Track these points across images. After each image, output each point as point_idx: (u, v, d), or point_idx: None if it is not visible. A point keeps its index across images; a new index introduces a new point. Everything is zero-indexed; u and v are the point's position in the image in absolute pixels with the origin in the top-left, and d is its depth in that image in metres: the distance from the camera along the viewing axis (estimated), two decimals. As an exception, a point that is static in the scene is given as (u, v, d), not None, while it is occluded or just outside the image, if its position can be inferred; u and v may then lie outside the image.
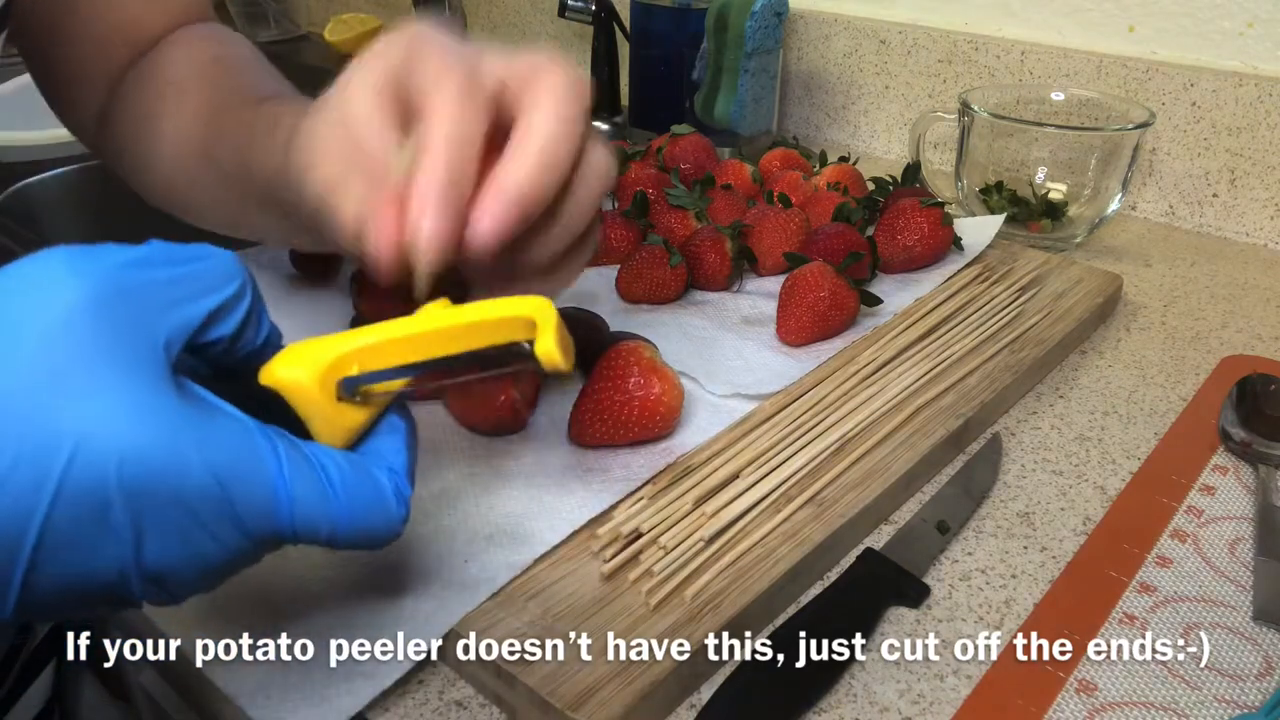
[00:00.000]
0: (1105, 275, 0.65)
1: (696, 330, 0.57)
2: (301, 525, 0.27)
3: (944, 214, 0.64)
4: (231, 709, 0.35)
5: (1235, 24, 0.76)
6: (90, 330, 0.23)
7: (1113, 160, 0.71)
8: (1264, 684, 0.37)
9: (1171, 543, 0.44)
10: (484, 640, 0.36)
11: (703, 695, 0.36)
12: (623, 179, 0.70)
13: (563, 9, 1.02)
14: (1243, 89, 0.75)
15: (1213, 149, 0.78)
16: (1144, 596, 0.41)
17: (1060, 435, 0.52)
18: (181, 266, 0.25)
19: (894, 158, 0.96)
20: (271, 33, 1.41)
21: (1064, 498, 0.48)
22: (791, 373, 0.53)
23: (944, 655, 0.39)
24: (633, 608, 0.37)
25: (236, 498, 0.25)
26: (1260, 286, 0.70)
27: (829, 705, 0.36)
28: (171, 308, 0.25)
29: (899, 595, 0.41)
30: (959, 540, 0.45)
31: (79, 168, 0.88)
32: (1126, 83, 0.80)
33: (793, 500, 0.43)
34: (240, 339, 0.28)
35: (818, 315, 0.55)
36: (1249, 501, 0.47)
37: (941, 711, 0.36)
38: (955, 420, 0.49)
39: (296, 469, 0.26)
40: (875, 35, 0.93)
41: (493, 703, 0.36)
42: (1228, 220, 0.79)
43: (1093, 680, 0.37)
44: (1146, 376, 0.58)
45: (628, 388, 0.45)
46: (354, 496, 0.28)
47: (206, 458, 0.24)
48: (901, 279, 0.64)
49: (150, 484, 0.23)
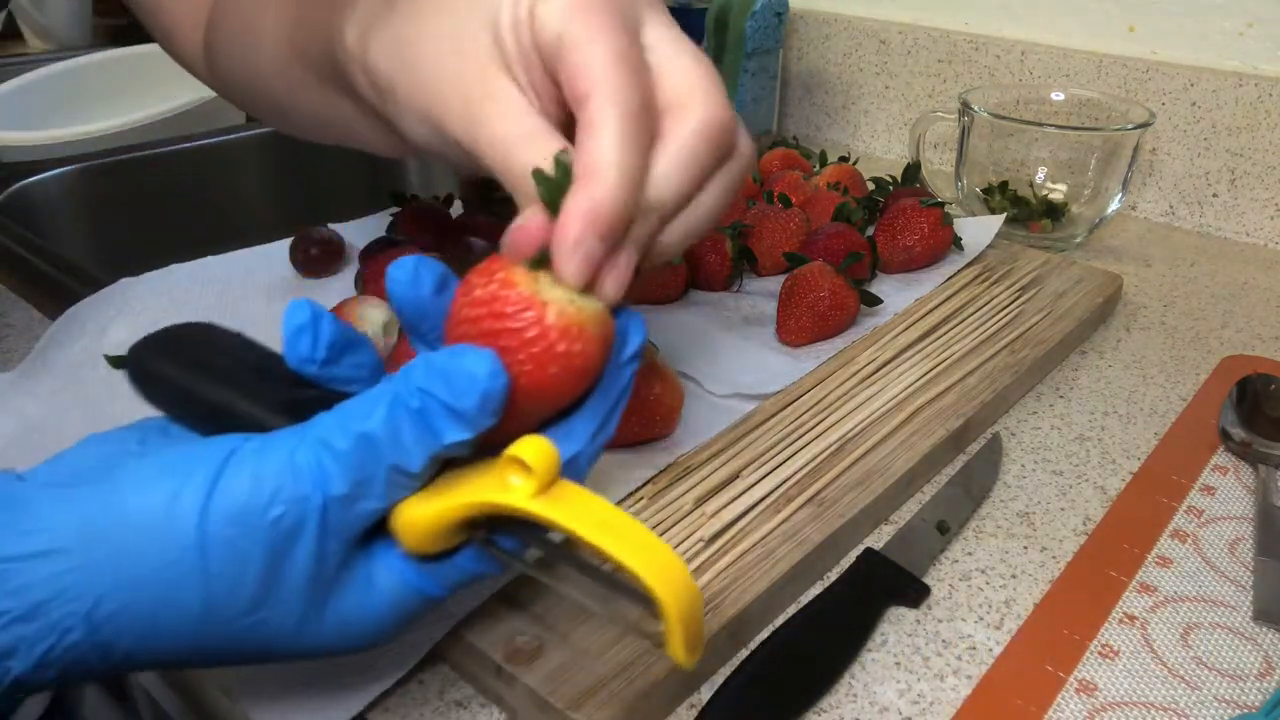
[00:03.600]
0: (1105, 275, 0.65)
1: (696, 330, 0.57)
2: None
3: (944, 214, 0.64)
4: (232, 709, 0.35)
5: (1235, 24, 0.76)
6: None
7: (1113, 160, 0.71)
8: (1264, 684, 0.37)
9: (1171, 543, 0.44)
10: (484, 640, 0.36)
11: (703, 695, 0.36)
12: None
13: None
14: (1243, 89, 0.75)
15: (1213, 149, 0.78)
16: (1144, 596, 0.41)
17: (1060, 435, 0.52)
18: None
19: (894, 158, 0.96)
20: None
21: (1064, 498, 0.48)
22: (791, 373, 0.53)
23: (944, 655, 0.39)
24: (633, 608, 0.37)
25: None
26: (1260, 286, 0.70)
27: (829, 705, 0.36)
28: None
29: (899, 595, 0.41)
30: (959, 540, 0.45)
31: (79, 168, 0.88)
32: (1126, 83, 0.80)
33: (793, 500, 0.43)
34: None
35: (818, 315, 0.55)
36: (1249, 501, 0.47)
37: (941, 711, 0.36)
38: (955, 420, 0.49)
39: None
40: (875, 35, 0.93)
41: (493, 703, 0.36)
42: (1228, 220, 0.79)
43: (1093, 680, 0.37)
44: (1146, 376, 0.58)
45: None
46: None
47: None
48: (901, 279, 0.64)
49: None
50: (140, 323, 0.55)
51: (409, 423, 0.26)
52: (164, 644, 0.26)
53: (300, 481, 0.26)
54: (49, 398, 0.50)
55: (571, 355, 0.28)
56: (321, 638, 0.28)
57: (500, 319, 0.28)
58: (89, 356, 0.52)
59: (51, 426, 0.48)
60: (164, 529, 0.25)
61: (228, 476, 0.26)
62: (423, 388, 0.26)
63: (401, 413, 0.26)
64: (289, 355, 0.29)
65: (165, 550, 0.25)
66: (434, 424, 0.26)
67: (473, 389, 0.26)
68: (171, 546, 0.25)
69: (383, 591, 0.29)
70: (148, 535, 0.25)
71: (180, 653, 0.27)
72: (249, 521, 0.26)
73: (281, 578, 0.26)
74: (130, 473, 0.26)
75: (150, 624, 0.26)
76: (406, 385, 0.27)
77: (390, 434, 0.26)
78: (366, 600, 0.28)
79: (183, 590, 0.26)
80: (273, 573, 0.26)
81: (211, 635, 0.27)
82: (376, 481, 0.27)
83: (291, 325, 0.28)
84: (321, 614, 0.28)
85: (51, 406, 0.49)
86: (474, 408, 0.26)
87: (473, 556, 0.30)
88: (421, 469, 0.27)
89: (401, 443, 0.26)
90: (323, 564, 0.27)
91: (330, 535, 0.27)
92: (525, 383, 0.28)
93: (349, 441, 0.26)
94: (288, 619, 0.27)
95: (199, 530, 0.25)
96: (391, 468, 0.27)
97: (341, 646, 0.29)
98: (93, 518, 0.25)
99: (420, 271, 0.30)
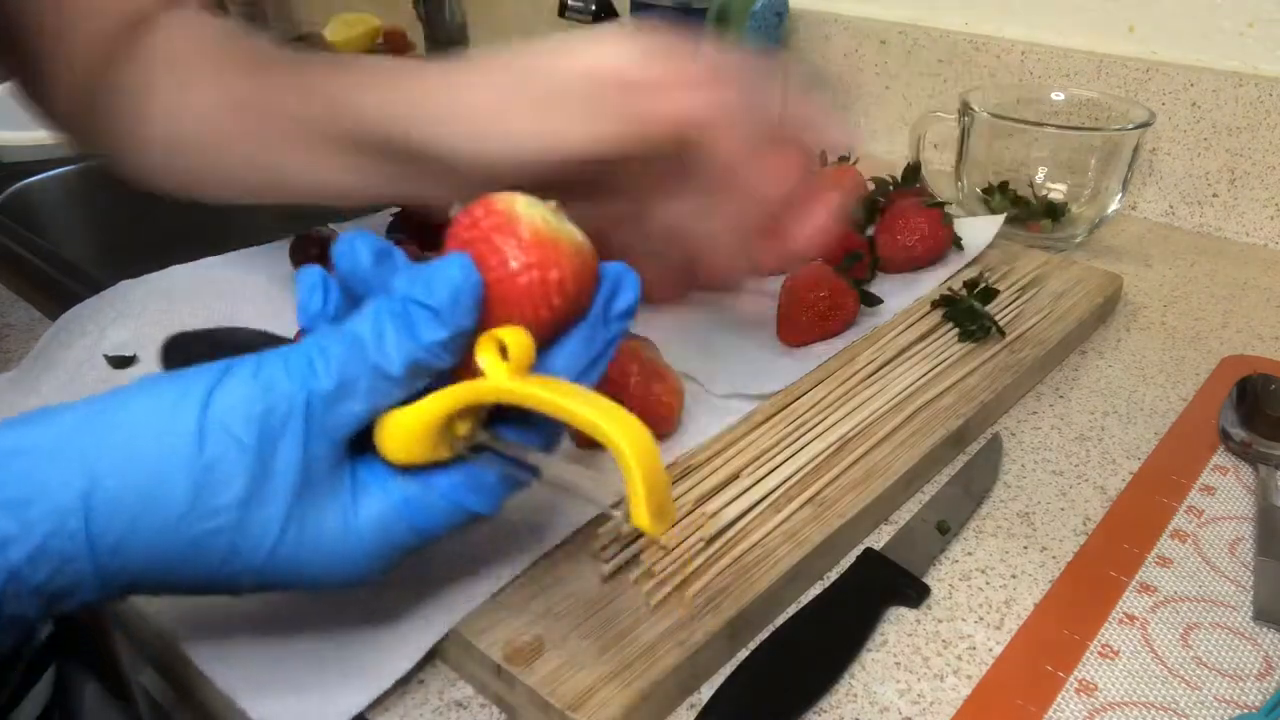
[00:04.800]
0: (1105, 275, 0.65)
1: (696, 330, 0.57)
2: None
3: (944, 214, 0.64)
4: (231, 709, 0.35)
5: (1235, 24, 0.76)
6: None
7: (1113, 160, 0.71)
8: (1264, 684, 0.37)
9: (1171, 543, 0.44)
10: (484, 640, 0.36)
11: (703, 695, 0.36)
12: (623, 179, 0.70)
13: (563, 9, 1.02)
14: (1243, 89, 0.75)
15: (1213, 149, 0.78)
16: (1144, 596, 0.41)
17: (1060, 435, 0.52)
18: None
19: (894, 158, 0.96)
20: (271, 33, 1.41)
21: (1064, 498, 0.48)
22: (791, 373, 0.53)
23: (944, 655, 0.39)
24: (633, 608, 0.37)
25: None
26: (1260, 286, 0.70)
27: (829, 705, 0.36)
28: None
29: (899, 595, 0.41)
30: (959, 540, 0.45)
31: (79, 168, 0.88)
32: (1126, 83, 0.80)
33: (793, 500, 0.43)
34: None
35: (818, 315, 0.55)
36: (1249, 501, 0.47)
37: (941, 711, 0.36)
38: (955, 420, 0.49)
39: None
40: (875, 35, 0.93)
41: (493, 703, 0.36)
42: (1228, 220, 0.79)
43: (1093, 680, 0.37)
44: (1146, 376, 0.58)
45: (627, 387, 0.45)
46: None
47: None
48: (901, 279, 0.64)
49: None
50: (140, 323, 0.55)
51: (391, 323, 0.28)
52: (150, 540, 0.27)
53: (291, 378, 0.28)
54: (49, 397, 0.50)
55: (545, 266, 0.30)
56: (301, 557, 0.29)
57: (477, 229, 0.30)
58: (89, 356, 0.52)
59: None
60: (167, 418, 0.27)
61: (230, 377, 0.28)
62: (404, 293, 0.28)
63: (385, 315, 0.28)
64: (302, 314, 0.31)
65: (165, 435, 0.27)
66: (413, 323, 0.28)
67: (446, 285, 0.28)
68: (170, 432, 0.27)
69: (366, 512, 0.30)
70: (150, 422, 0.27)
71: (163, 558, 0.28)
72: (243, 412, 0.27)
73: (269, 473, 0.28)
74: (141, 384, 0.28)
75: (141, 509, 0.27)
76: (391, 293, 0.29)
77: (375, 335, 0.28)
78: (350, 518, 0.29)
79: (176, 475, 0.27)
80: (261, 465, 0.27)
81: (196, 536, 0.27)
82: (360, 380, 0.28)
83: (305, 285, 0.31)
84: (303, 526, 0.28)
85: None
86: (446, 302, 0.28)
87: (459, 484, 0.31)
88: (403, 372, 0.28)
89: (384, 344, 0.28)
90: (309, 463, 0.28)
91: (315, 434, 0.28)
92: (500, 289, 0.29)
93: (336, 341, 0.28)
94: (271, 524, 0.28)
95: (199, 420, 0.27)
96: (374, 368, 0.28)
97: (322, 574, 0.29)
98: (97, 412, 0.27)
99: (357, 245, 0.31)
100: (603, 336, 0.32)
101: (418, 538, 0.30)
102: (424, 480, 0.30)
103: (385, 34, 1.35)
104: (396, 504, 0.30)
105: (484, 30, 1.27)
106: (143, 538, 0.27)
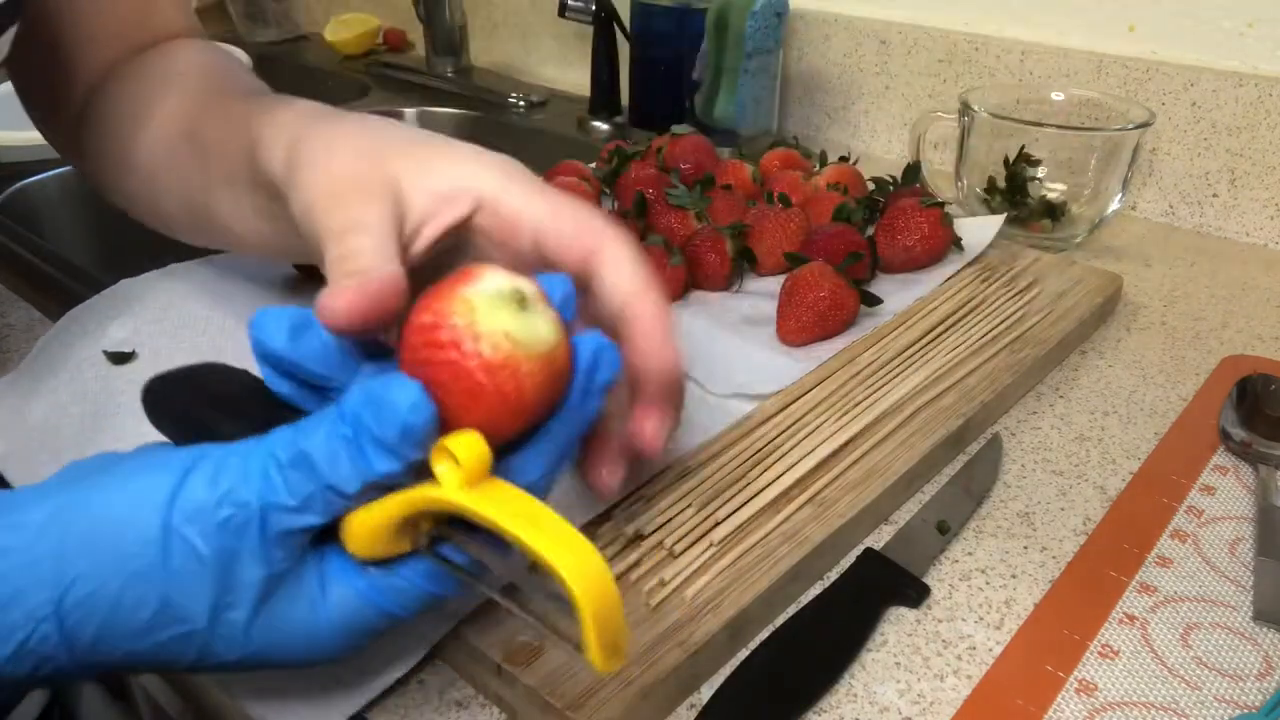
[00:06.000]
0: (1105, 275, 0.65)
1: (696, 330, 0.57)
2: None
3: (944, 214, 0.64)
4: (231, 709, 0.35)
5: (1235, 24, 0.76)
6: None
7: (1113, 160, 0.71)
8: (1264, 684, 0.37)
9: (1171, 543, 0.44)
10: (484, 640, 0.36)
11: (703, 695, 0.36)
12: (622, 179, 0.70)
13: (563, 9, 1.02)
14: (1243, 89, 0.75)
15: (1213, 149, 0.78)
16: (1144, 596, 0.41)
17: (1060, 435, 0.52)
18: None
19: (894, 158, 0.96)
20: (271, 33, 1.41)
21: (1064, 498, 0.48)
22: (791, 373, 0.53)
23: (944, 655, 0.39)
24: (633, 608, 0.37)
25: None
26: (1260, 286, 0.70)
27: (829, 705, 0.36)
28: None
29: (899, 595, 0.41)
30: (959, 540, 0.45)
31: (79, 168, 0.88)
32: (1126, 83, 0.80)
33: (793, 500, 0.43)
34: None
35: (818, 315, 0.55)
36: (1249, 501, 0.47)
37: (941, 711, 0.36)
38: (955, 420, 0.49)
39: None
40: (875, 35, 0.93)
41: (493, 703, 0.36)
42: (1228, 220, 0.79)
43: (1093, 680, 0.37)
44: (1146, 376, 0.58)
45: (628, 388, 0.45)
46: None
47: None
48: (901, 279, 0.64)
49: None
50: (140, 323, 0.55)
51: (343, 448, 0.27)
52: (124, 640, 0.27)
53: (248, 487, 0.27)
54: (49, 397, 0.50)
55: (503, 391, 0.28)
56: (273, 647, 0.29)
57: (433, 348, 0.28)
58: (89, 356, 0.52)
59: (51, 426, 0.48)
60: (131, 522, 0.27)
61: (192, 477, 0.27)
62: (356, 414, 0.27)
63: (338, 438, 0.27)
64: (255, 348, 0.30)
65: (131, 543, 0.26)
66: (364, 452, 0.27)
67: (394, 421, 0.26)
68: (136, 539, 0.27)
69: (334, 602, 0.29)
70: (116, 528, 0.27)
71: (139, 655, 0.28)
72: (203, 520, 0.27)
73: (233, 584, 0.27)
74: (108, 474, 0.28)
75: (112, 614, 0.27)
76: (342, 410, 0.27)
77: (328, 456, 0.27)
78: (318, 610, 0.29)
79: (143, 586, 0.27)
80: (224, 576, 0.27)
81: (167, 640, 0.27)
82: (316, 498, 0.27)
83: (255, 341, 0.30)
84: (272, 621, 0.28)
85: (51, 406, 0.49)
86: (395, 439, 0.26)
87: (422, 572, 0.30)
88: (357, 490, 0.27)
89: (338, 466, 0.27)
90: (272, 569, 0.28)
91: (273, 542, 0.27)
92: (460, 415, 0.28)
93: (290, 457, 0.27)
94: (239, 625, 0.28)
95: (163, 528, 0.27)
96: (328, 487, 0.27)
97: (297, 658, 0.29)
98: (66, 509, 0.27)
99: (268, 325, 0.30)
100: (579, 417, 0.31)
101: (388, 621, 0.30)
102: (390, 569, 0.30)
103: (385, 34, 1.35)
104: (364, 591, 0.29)
105: (483, 30, 1.27)
106: (117, 638, 0.27)
